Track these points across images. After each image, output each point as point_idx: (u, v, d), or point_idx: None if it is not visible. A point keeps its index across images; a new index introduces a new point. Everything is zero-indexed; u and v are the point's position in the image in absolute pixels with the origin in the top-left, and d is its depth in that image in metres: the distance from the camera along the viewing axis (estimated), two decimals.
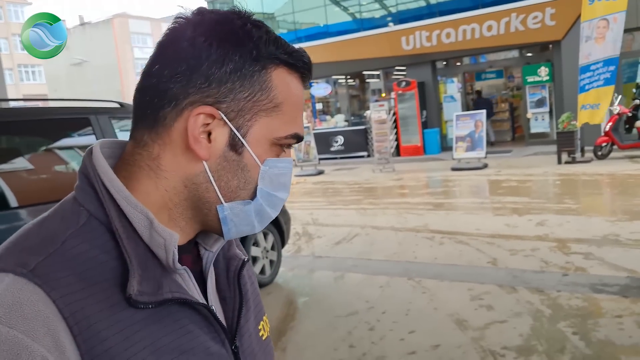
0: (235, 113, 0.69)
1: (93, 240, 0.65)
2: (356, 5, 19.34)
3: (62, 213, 0.68)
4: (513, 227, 6.66)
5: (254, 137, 0.70)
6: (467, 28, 15.70)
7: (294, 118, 0.73)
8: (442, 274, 5.12)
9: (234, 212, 0.72)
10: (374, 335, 3.93)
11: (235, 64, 0.68)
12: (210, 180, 0.70)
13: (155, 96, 0.69)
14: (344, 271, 5.55)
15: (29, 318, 0.57)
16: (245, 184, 0.71)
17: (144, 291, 0.63)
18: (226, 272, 0.82)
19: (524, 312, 4.07)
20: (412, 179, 12.21)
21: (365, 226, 7.51)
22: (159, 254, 0.68)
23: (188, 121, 0.68)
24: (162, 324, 0.66)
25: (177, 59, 0.68)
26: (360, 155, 17.06)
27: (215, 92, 0.68)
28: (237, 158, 0.70)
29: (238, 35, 0.69)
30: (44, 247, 0.62)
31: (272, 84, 0.70)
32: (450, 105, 16.59)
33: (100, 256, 0.64)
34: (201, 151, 0.68)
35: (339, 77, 19.99)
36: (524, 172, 11.20)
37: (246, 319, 0.81)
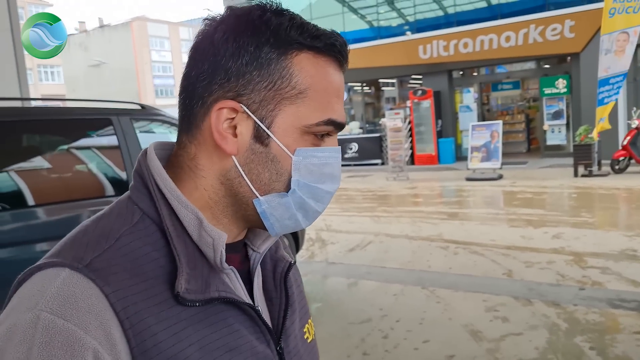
0: (258, 104, 0.68)
1: (145, 238, 0.66)
2: (374, 14, 19.38)
3: (118, 211, 0.70)
4: (528, 239, 6.61)
5: (280, 126, 0.68)
6: (484, 38, 15.66)
7: (325, 104, 0.70)
8: (457, 284, 5.09)
9: (272, 206, 0.71)
10: (387, 343, 3.92)
11: (252, 55, 0.67)
12: (242, 175, 0.69)
13: (187, 98, 0.71)
14: (357, 278, 5.54)
15: (82, 311, 0.58)
16: (277, 176, 0.70)
17: (191, 289, 0.64)
18: (273, 273, 0.82)
19: (540, 325, 4.03)
20: (426, 188, 12.17)
21: (379, 234, 7.50)
22: (207, 253, 0.68)
23: (211, 118, 0.68)
24: (209, 322, 0.67)
25: (201, 59, 0.69)
26: (374, 163, 17.04)
27: (234, 85, 0.68)
28: (264, 150, 0.69)
29: (254, 25, 0.68)
30: (100, 244, 0.64)
31: (293, 70, 0.68)
32: (465, 115, 16.53)
33: (151, 253, 0.66)
34: (227, 146, 0.68)
35: (354, 84, 20.03)
36: (540, 184, 11.12)
37: (292, 320, 0.81)
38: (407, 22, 18.48)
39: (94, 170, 4.04)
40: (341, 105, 0.73)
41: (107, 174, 3.98)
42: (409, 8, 18.29)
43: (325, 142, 0.72)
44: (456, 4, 17.20)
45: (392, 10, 19.03)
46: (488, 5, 16.74)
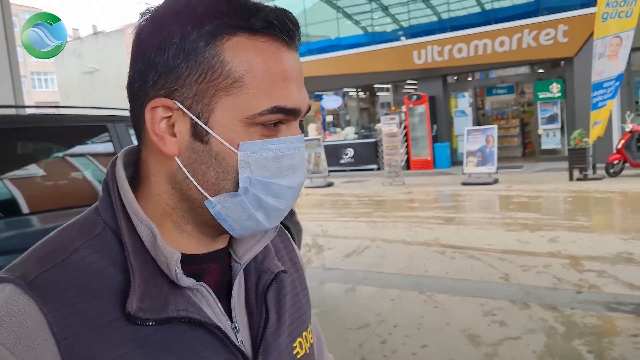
0: (192, 99, 0.62)
1: (104, 252, 0.63)
2: (368, 19, 19.45)
3: (83, 221, 0.67)
4: (525, 243, 6.61)
5: (218, 121, 0.62)
6: (479, 43, 15.74)
7: (268, 90, 0.62)
8: (454, 289, 5.09)
9: (226, 207, 0.65)
10: (385, 348, 3.90)
11: (177, 46, 0.61)
12: (188, 176, 0.64)
13: (130, 101, 0.67)
14: (354, 283, 5.53)
15: (14, 331, 0.56)
16: (224, 174, 0.64)
17: (146, 308, 0.60)
18: (255, 286, 0.75)
19: (538, 329, 4.03)
20: (422, 193, 12.18)
21: (375, 239, 7.49)
22: (165, 271, 0.64)
23: (146, 117, 0.64)
24: (165, 344, 0.62)
25: (135, 58, 0.65)
26: (370, 168, 17.06)
27: (164, 82, 0.62)
28: (205, 147, 0.63)
29: (179, 13, 0.62)
30: (53, 257, 0.61)
31: (224, 58, 0.61)
32: (460, 120, 16.59)
33: (108, 269, 0.62)
34: (166, 148, 0.64)
35: (349, 90, 20.08)
36: (535, 188, 11.15)
37: (275, 336, 0.75)
38: (402, 27, 18.56)
39: (89, 178, 4.03)
40: (294, 88, 0.65)
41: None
42: (403, 14, 18.37)
43: (281, 131, 0.65)
44: (450, 9, 17.28)
45: (387, 16, 19.11)
46: (482, 10, 16.83)
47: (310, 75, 18.81)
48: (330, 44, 19.60)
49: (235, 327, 0.71)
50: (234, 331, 0.70)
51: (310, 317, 0.87)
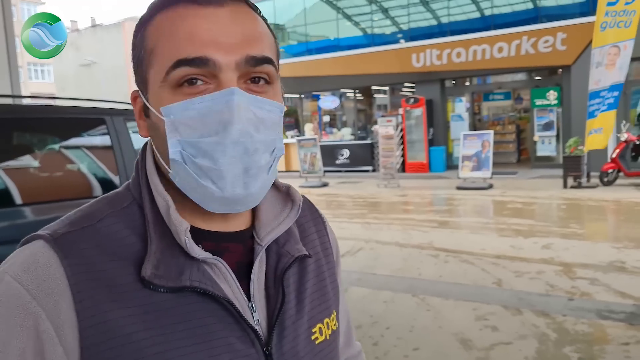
0: (141, 83, 0.70)
1: (128, 222, 0.68)
2: (368, 21, 19.46)
3: (115, 195, 0.73)
4: (518, 248, 6.63)
5: (151, 94, 0.68)
6: (477, 48, 15.77)
7: (173, 50, 0.64)
8: (447, 292, 5.09)
9: (181, 176, 0.66)
10: (377, 350, 3.90)
11: (135, 40, 0.70)
12: (156, 153, 0.71)
13: None
14: (347, 285, 5.52)
15: (38, 279, 0.62)
16: (165, 144, 0.66)
17: (161, 275, 0.64)
18: (275, 268, 0.76)
19: (530, 334, 4.04)
20: (417, 196, 12.20)
21: (369, 240, 7.49)
22: (179, 241, 0.67)
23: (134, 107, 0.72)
24: (178, 311, 0.65)
25: None
26: (365, 170, 17.07)
27: (134, 72, 0.71)
28: (150, 122, 0.70)
29: (143, 15, 0.70)
30: (81, 222, 0.67)
31: (144, 37, 0.68)
32: (457, 124, 16.62)
33: (130, 237, 0.67)
34: (142, 131, 0.72)
35: (347, 91, 20.08)
36: (530, 194, 11.18)
37: (293, 319, 0.76)
38: (401, 30, 18.57)
39: (84, 171, 4.00)
40: (203, 41, 0.63)
41: (98, 175, 3.94)
42: (403, 16, 18.38)
43: (211, 90, 0.64)
44: (450, 13, 17.31)
45: (386, 18, 19.13)
46: (481, 15, 16.87)
47: (308, 75, 18.82)
48: (329, 44, 19.60)
49: (251, 306, 0.72)
50: (251, 310, 0.72)
51: (337, 304, 0.87)
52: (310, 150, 15.05)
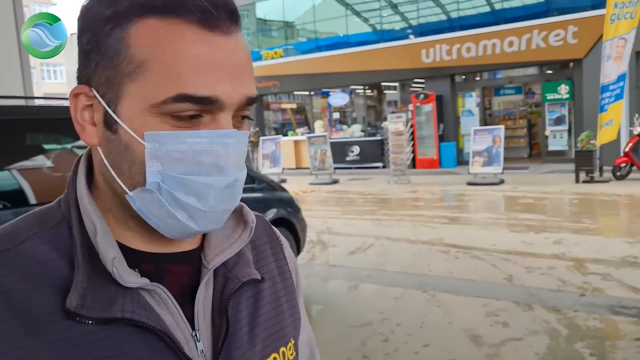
0: (103, 86, 0.59)
1: (56, 243, 0.61)
2: (377, 17, 19.41)
3: (44, 212, 0.65)
4: (529, 244, 6.60)
5: (126, 109, 0.59)
6: (487, 43, 15.68)
7: (174, 76, 0.57)
8: (457, 289, 5.09)
9: (145, 203, 0.60)
10: (388, 346, 3.92)
11: (92, 31, 0.59)
12: (108, 167, 0.62)
13: None
14: (358, 281, 5.54)
15: None
16: (136, 167, 0.59)
17: (88, 305, 0.57)
18: (220, 294, 0.70)
19: (540, 330, 4.03)
20: (427, 192, 12.17)
21: (379, 237, 7.50)
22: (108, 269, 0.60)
23: (70, 105, 0.62)
24: (107, 344, 0.58)
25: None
26: (375, 166, 17.05)
27: (83, 68, 0.61)
28: (116, 137, 0.60)
29: (100, 1, 0.60)
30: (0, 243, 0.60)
31: (129, 41, 0.57)
32: (467, 120, 16.54)
33: (56, 261, 0.60)
34: (86, 137, 0.62)
35: (356, 87, 20.05)
36: (541, 189, 11.11)
37: (243, 349, 0.69)
38: (410, 25, 18.51)
39: None
40: (207, 75, 0.58)
41: None
42: (412, 12, 18.31)
43: (204, 124, 0.59)
44: (459, 8, 17.22)
45: (396, 14, 19.07)
46: (491, 10, 16.76)
47: (318, 72, 18.82)
48: (339, 41, 19.58)
49: (195, 335, 0.66)
50: (194, 339, 0.66)
51: (295, 332, 0.81)
52: (321, 147, 15.06)
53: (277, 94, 21.27)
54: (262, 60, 20.31)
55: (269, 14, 21.91)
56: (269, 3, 21.11)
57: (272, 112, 22.44)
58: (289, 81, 19.63)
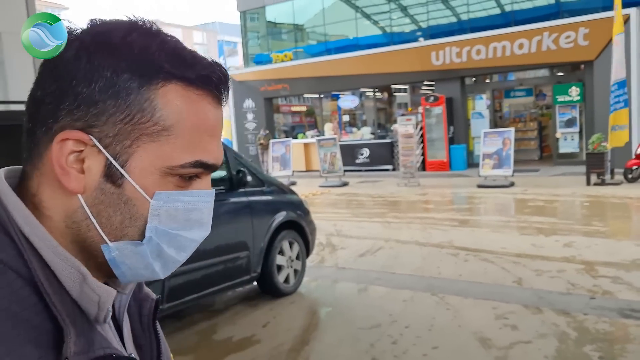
0: (111, 138, 0.58)
1: (11, 296, 0.54)
2: (387, 20, 19.43)
3: None
4: (539, 247, 6.59)
5: (137, 165, 0.59)
6: (497, 45, 15.64)
7: (194, 143, 0.61)
8: (467, 291, 5.10)
9: (124, 254, 0.61)
10: (396, 349, 3.94)
11: (107, 80, 0.57)
12: (90, 217, 0.59)
13: (30, 120, 0.61)
14: (367, 283, 5.56)
15: None
16: (131, 221, 0.60)
17: (79, 350, 0.55)
18: (139, 316, 0.72)
19: (550, 333, 4.03)
20: (437, 195, 12.16)
21: (389, 239, 7.51)
22: (89, 309, 0.60)
23: (53, 148, 0.58)
24: None
25: (48, 78, 0.60)
26: (385, 169, 17.05)
27: (84, 114, 0.58)
28: (116, 191, 0.59)
29: (115, 46, 0.58)
30: None
31: (157, 104, 0.58)
32: (478, 122, 16.51)
33: (22, 314, 0.53)
34: (70, 183, 0.58)
35: (366, 90, 20.07)
36: (552, 192, 11.07)
37: None
38: (420, 28, 18.52)
39: None
40: (216, 144, 0.64)
41: None
42: (422, 14, 18.32)
43: (193, 184, 0.63)
44: (469, 10, 17.20)
45: (405, 17, 19.08)
46: (501, 12, 16.73)
47: (328, 75, 18.87)
48: (348, 44, 19.62)
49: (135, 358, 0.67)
50: None
51: None
52: (330, 149, 15.10)
53: (287, 96, 21.34)
54: (272, 63, 20.40)
55: (279, 17, 22.00)
56: (279, 6, 21.20)
57: (282, 114, 22.52)
58: (298, 84, 19.69)
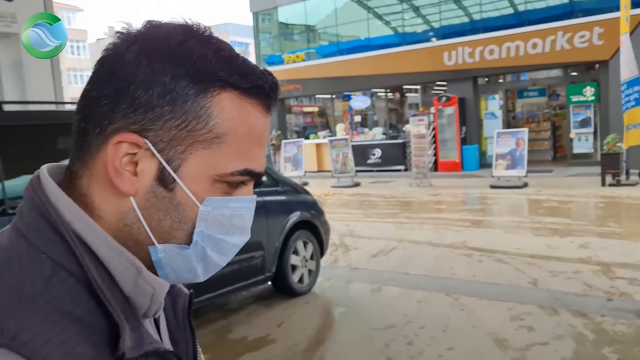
0: (166, 143, 0.59)
1: (65, 295, 0.54)
2: (399, 20, 19.38)
3: (19, 262, 0.56)
4: (554, 248, 6.53)
5: (189, 171, 0.60)
6: (511, 45, 15.54)
7: (244, 152, 0.62)
8: (481, 292, 5.07)
9: (170, 256, 0.62)
10: (412, 349, 3.92)
11: (165, 87, 0.58)
12: (140, 219, 0.60)
13: (84, 120, 0.61)
14: (380, 284, 5.54)
15: None
16: (180, 224, 0.61)
17: (133, 346, 0.56)
18: (173, 311, 0.73)
19: (567, 335, 3.99)
20: (449, 195, 12.10)
21: (402, 240, 7.49)
22: (141, 304, 0.61)
23: (108, 150, 0.59)
24: None
25: (106, 80, 0.60)
26: (397, 169, 17.00)
27: (141, 118, 0.58)
28: (168, 195, 0.60)
29: (173, 53, 0.59)
30: (15, 308, 0.52)
31: (212, 111, 0.59)
32: (490, 122, 16.40)
33: (76, 312, 0.54)
34: (124, 185, 0.59)
35: (378, 90, 20.03)
36: (566, 192, 10.97)
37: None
38: (433, 28, 18.44)
39: None
40: (262, 152, 0.65)
41: None
42: (434, 14, 18.24)
43: (237, 190, 0.64)
44: (482, 10, 17.10)
45: (418, 17, 19.01)
46: (514, 12, 16.61)
47: (339, 75, 18.86)
48: (360, 44, 19.59)
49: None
50: None
51: None
52: (342, 150, 15.09)
53: (299, 97, 21.36)
54: (284, 64, 20.43)
55: (291, 17, 22.02)
56: (290, 7, 21.21)
57: (293, 115, 22.54)
58: (310, 84, 19.70)
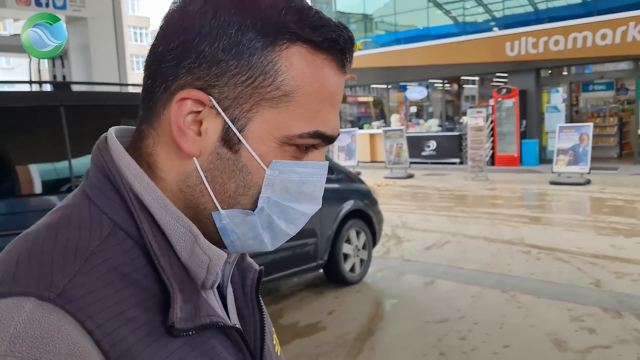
0: (231, 101, 0.55)
1: (121, 257, 0.54)
2: (460, 9, 18.91)
3: (79, 220, 0.55)
4: (619, 248, 6.23)
5: (255, 132, 0.56)
6: (578, 36, 14.88)
7: (314, 112, 0.57)
8: (539, 291, 4.89)
9: (235, 222, 0.59)
10: (465, 345, 3.83)
11: (231, 39, 0.54)
12: (204, 182, 0.57)
13: (150, 77, 0.59)
14: (434, 277, 5.45)
15: (62, 355, 0.46)
16: (245, 189, 0.58)
17: (183, 317, 0.54)
18: (242, 286, 0.71)
19: (631, 339, 3.80)
20: (506, 190, 11.76)
21: (456, 234, 7.33)
22: (197, 273, 0.58)
23: (172, 107, 0.56)
24: (200, 351, 0.56)
25: (171, 34, 0.57)
26: (452, 162, 16.67)
27: (205, 73, 0.55)
28: (233, 156, 0.57)
29: (241, 2, 0.55)
30: (67, 264, 0.50)
31: (280, 66, 0.55)
32: (552, 116, 15.78)
33: (132, 275, 0.53)
34: (187, 145, 0.56)
35: (435, 81, 19.66)
36: (632, 191, 10.45)
37: (269, 337, 0.72)
38: (494, 18, 17.90)
39: None
40: (335, 114, 0.60)
41: None
42: (497, 3, 17.69)
43: (308, 155, 0.60)
44: None
45: (479, 6, 18.49)
46: (583, 1, 15.88)
47: (396, 65, 18.62)
48: (419, 34, 19.25)
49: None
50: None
51: None
52: (397, 141, 14.91)
53: (354, 87, 21.25)
54: None
55: (348, 6, 21.88)
56: None
57: (348, 104, 22.46)
58: (366, 74, 19.53)
